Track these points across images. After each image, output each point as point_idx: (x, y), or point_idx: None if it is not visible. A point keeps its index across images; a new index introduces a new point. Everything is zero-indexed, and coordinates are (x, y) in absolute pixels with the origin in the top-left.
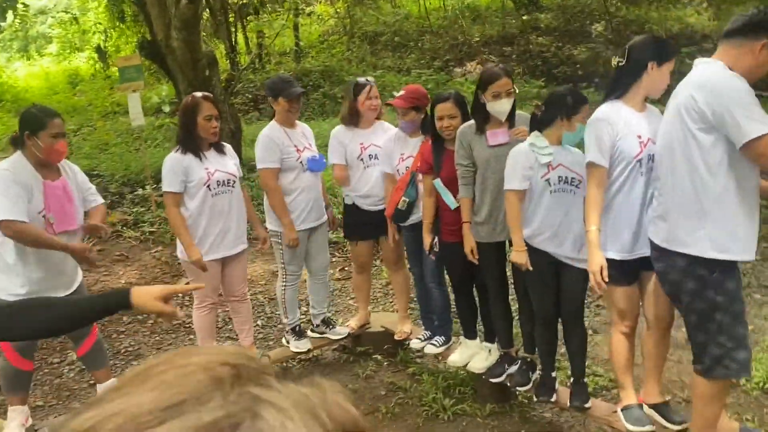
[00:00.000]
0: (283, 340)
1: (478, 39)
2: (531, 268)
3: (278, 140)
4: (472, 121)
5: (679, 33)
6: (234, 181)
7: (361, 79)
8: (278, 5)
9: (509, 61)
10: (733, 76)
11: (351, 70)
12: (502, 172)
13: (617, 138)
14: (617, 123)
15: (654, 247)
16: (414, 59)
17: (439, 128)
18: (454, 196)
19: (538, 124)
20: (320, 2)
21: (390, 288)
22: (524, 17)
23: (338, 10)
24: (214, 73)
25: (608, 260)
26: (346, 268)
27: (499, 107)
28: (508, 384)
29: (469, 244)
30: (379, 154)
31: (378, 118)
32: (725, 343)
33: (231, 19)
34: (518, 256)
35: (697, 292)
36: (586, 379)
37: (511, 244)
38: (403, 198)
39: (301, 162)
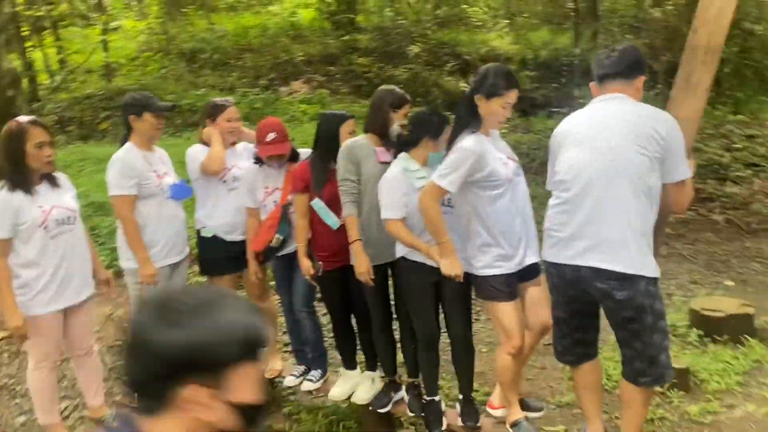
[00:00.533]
0: None
1: (302, 57)
2: (462, 279)
3: (135, 164)
4: (359, 138)
5: (486, 55)
6: (74, 218)
7: (220, 101)
8: (80, 19)
9: (334, 80)
10: None
11: (168, 88)
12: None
13: (486, 166)
14: (485, 152)
15: (614, 276)
16: (236, 77)
17: None
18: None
19: (404, 144)
20: (128, 18)
21: None
22: (344, 38)
23: (151, 26)
24: (17, 93)
25: (494, 277)
26: None
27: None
28: (393, 413)
29: (365, 264)
30: (242, 177)
31: (234, 143)
32: (667, 347)
33: (26, 33)
34: (451, 266)
35: (656, 310)
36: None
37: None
38: (277, 236)
39: (162, 189)
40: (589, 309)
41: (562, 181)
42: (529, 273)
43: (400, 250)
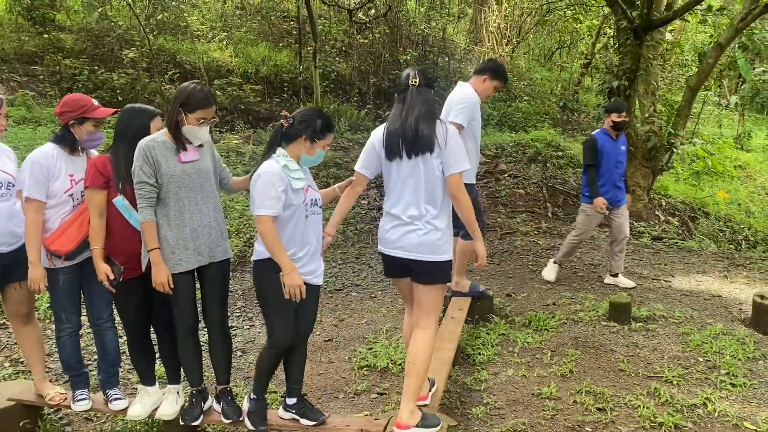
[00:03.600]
0: None
1: None
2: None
3: None
4: (156, 135)
5: (207, 65)
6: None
7: None
8: None
9: (38, 81)
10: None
11: None
12: (197, 190)
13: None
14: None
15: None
16: None
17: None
18: None
19: (282, 137)
20: None
21: None
22: (44, 36)
23: None
24: None
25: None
26: None
27: (202, 134)
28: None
29: (163, 273)
30: (11, 182)
31: None
32: None
33: None
34: (292, 277)
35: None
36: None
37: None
38: None
39: None
40: None
41: None
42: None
43: (259, 253)
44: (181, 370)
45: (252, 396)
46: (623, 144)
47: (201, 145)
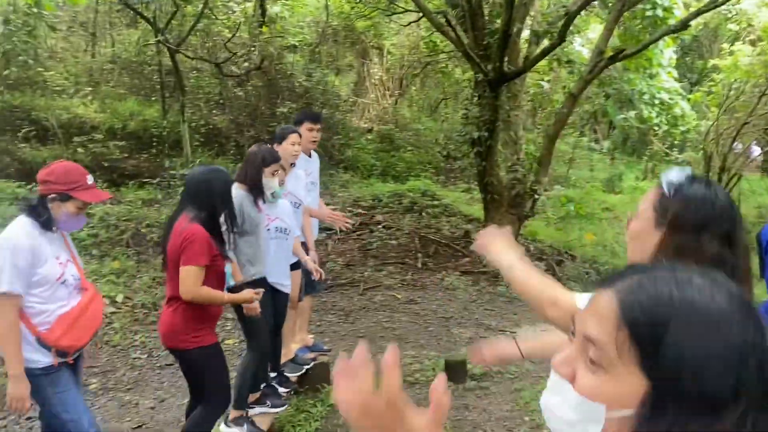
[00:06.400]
0: None
1: None
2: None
3: None
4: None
5: (68, 122)
6: None
7: None
8: None
9: None
10: None
11: None
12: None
13: None
14: None
15: None
16: None
17: None
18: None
19: None
20: None
21: None
22: None
23: None
24: None
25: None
26: None
27: (273, 183)
28: None
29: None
30: None
31: None
32: None
33: None
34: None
35: None
36: None
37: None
38: None
39: None
40: None
41: None
42: None
43: None
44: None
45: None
46: None
47: None
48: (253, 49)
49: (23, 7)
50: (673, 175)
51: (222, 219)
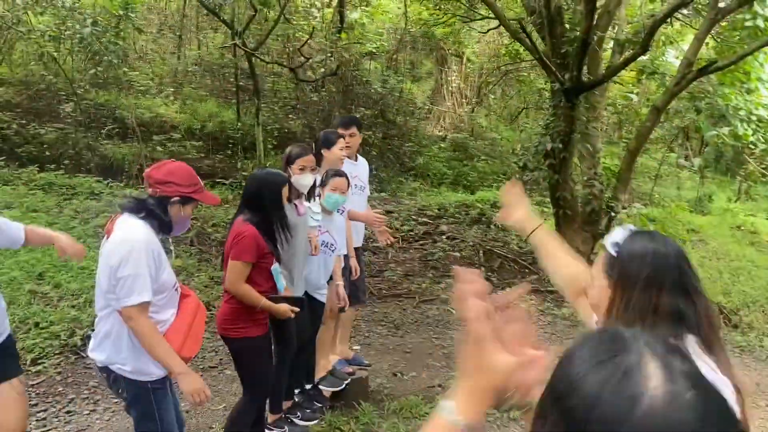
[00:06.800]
0: None
1: None
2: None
3: None
4: None
5: (149, 121)
6: None
7: None
8: None
9: None
10: None
11: None
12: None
13: None
14: None
15: None
16: None
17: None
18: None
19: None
20: None
21: None
22: None
23: None
24: None
25: None
26: None
27: (304, 180)
28: None
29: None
30: None
31: None
32: None
33: None
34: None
35: None
36: None
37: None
38: None
39: None
40: None
41: None
42: None
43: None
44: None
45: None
46: None
47: None
48: (330, 54)
49: (112, 8)
50: (616, 233)
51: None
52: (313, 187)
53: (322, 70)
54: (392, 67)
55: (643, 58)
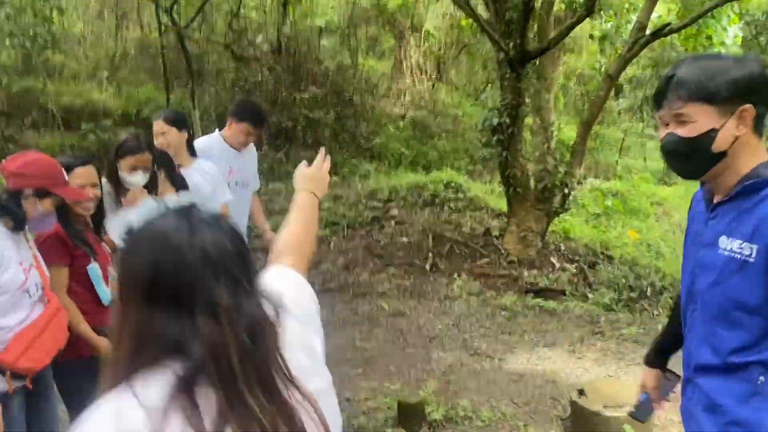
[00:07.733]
0: None
1: None
2: None
3: None
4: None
5: (80, 108)
6: None
7: None
8: None
9: None
10: None
11: None
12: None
13: None
14: None
15: None
16: None
17: None
18: None
19: None
20: None
21: None
22: None
23: None
24: None
25: None
26: None
27: (134, 179)
28: None
29: None
30: None
31: None
32: None
33: None
34: None
35: None
36: None
37: None
38: None
39: None
40: None
41: None
42: None
43: None
44: None
45: None
46: None
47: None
48: (274, 30)
49: None
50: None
51: None
52: (154, 181)
53: (265, 46)
54: (346, 44)
55: (608, 26)
